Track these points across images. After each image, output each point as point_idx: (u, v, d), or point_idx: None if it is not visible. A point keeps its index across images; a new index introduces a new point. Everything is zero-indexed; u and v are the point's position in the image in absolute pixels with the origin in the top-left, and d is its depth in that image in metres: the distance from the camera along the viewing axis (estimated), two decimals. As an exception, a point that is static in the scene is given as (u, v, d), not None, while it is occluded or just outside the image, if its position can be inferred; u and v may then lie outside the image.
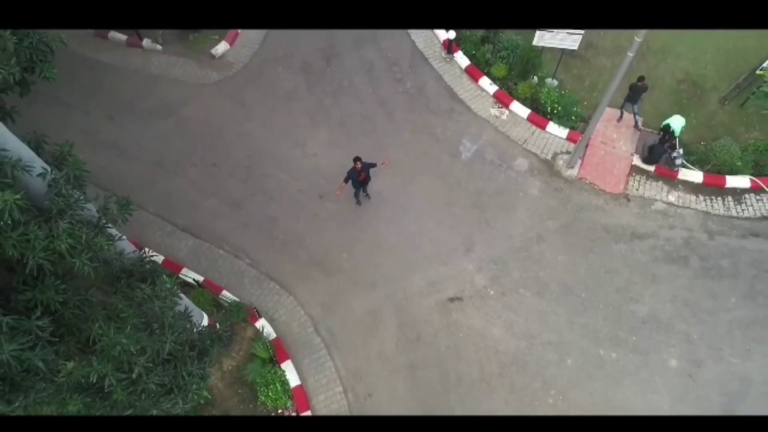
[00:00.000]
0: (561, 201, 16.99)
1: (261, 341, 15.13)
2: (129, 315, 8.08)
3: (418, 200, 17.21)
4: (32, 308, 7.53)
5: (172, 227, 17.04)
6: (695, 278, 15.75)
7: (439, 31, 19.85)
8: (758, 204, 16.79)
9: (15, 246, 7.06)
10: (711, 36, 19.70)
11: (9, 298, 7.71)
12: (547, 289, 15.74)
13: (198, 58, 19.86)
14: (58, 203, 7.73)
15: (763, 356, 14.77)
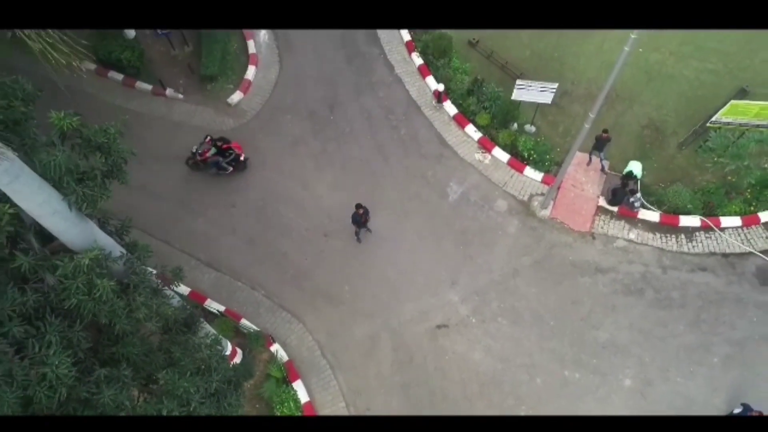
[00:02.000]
0: (535, 239, 19.76)
1: (275, 363, 17.95)
2: (186, 362, 10.90)
3: (411, 237, 19.97)
4: (118, 360, 10.34)
5: (196, 261, 19.81)
6: (649, 308, 18.54)
7: (431, 82, 22.53)
8: (707, 241, 19.54)
9: (106, 315, 9.85)
10: (674, 83, 22.43)
11: (97, 351, 10.52)
12: (521, 318, 18.55)
13: (215, 106, 22.58)
14: (134, 279, 10.51)
15: (704, 377, 17.57)
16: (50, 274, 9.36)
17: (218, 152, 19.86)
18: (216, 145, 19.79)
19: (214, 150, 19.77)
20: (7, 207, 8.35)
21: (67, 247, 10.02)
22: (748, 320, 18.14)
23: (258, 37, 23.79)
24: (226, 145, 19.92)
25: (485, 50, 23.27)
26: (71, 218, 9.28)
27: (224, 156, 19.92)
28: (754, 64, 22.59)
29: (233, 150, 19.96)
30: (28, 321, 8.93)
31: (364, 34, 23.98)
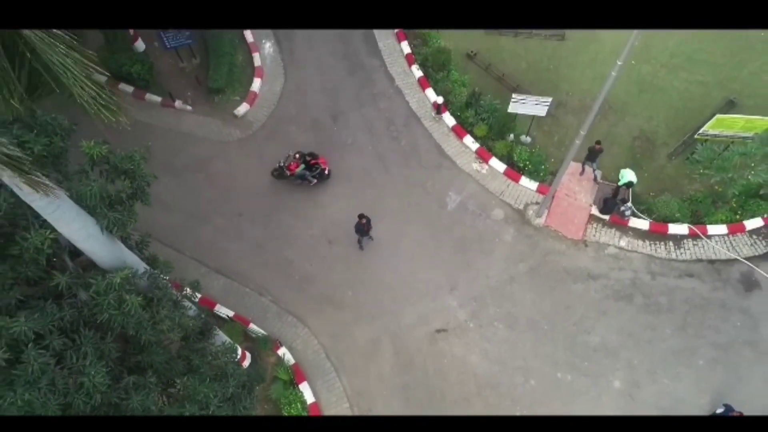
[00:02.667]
0: (530, 246, 20.75)
1: (283, 366, 18.95)
2: (205, 369, 11.90)
3: (411, 245, 20.95)
4: (143, 368, 11.34)
5: (205, 268, 20.79)
6: (638, 313, 19.55)
7: (430, 94, 23.47)
8: (694, 248, 20.54)
9: (133, 327, 10.83)
10: (665, 95, 23.39)
11: (123, 359, 11.51)
12: (517, 323, 19.56)
13: (223, 117, 23.52)
14: (157, 294, 11.50)
15: (690, 379, 18.58)
16: (83, 290, 10.33)
17: (306, 167, 20.67)
18: (305, 161, 20.71)
19: (301, 170, 20.67)
20: (48, 233, 9.31)
21: (96, 263, 11.00)
22: (732, 325, 19.13)
23: (263, 50, 24.71)
24: (314, 161, 20.88)
25: (483, 62, 24.21)
26: (103, 240, 10.25)
27: (311, 170, 20.85)
28: (741, 75, 23.53)
29: (320, 165, 20.88)
30: (65, 334, 9.89)
31: (365, 47, 24.91)
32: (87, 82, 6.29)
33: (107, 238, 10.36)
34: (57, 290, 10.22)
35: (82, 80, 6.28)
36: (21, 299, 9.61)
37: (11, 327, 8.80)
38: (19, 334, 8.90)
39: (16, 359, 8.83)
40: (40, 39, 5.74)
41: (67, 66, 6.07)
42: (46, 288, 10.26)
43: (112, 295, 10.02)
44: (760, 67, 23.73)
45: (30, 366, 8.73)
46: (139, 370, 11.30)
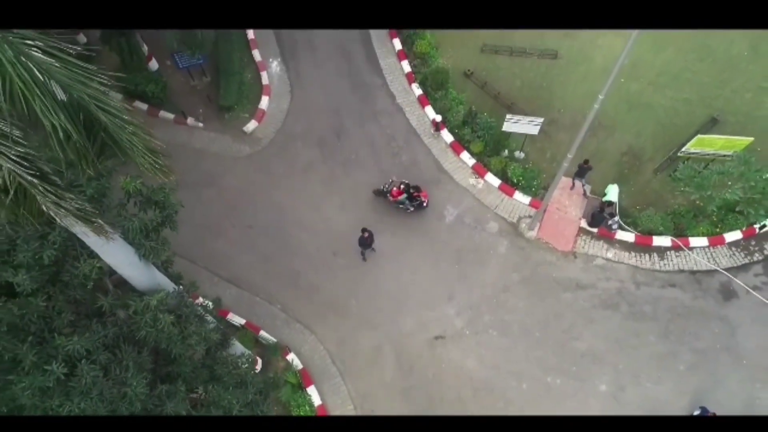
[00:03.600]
0: (523, 257, 22.23)
1: (291, 371, 20.46)
2: (228, 378, 13.41)
3: (411, 256, 22.43)
4: (173, 377, 12.83)
5: (218, 279, 22.27)
6: (624, 320, 21.05)
7: (429, 112, 24.91)
8: (677, 259, 22.03)
9: (165, 342, 12.32)
10: (651, 112, 24.82)
11: (155, 370, 13.01)
12: (510, 330, 21.06)
13: (233, 133, 24.96)
14: (185, 311, 12.99)
15: (671, 382, 20.10)
16: (122, 310, 11.82)
17: (408, 197, 21.98)
18: (408, 191, 21.94)
19: (404, 198, 21.96)
20: (95, 262, 10.79)
21: (133, 285, 12.50)
22: (710, 332, 20.66)
23: (270, 68, 26.14)
24: (417, 194, 22.08)
25: (479, 81, 25.65)
26: (140, 266, 11.74)
27: (412, 201, 22.10)
28: (725, 93, 24.97)
29: (421, 198, 22.12)
30: (108, 349, 11.39)
31: (367, 65, 26.34)
32: (147, 153, 7.74)
33: (143, 264, 11.84)
34: (100, 310, 11.69)
35: (144, 152, 7.73)
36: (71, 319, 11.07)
37: (67, 345, 10.27)
38: (73, 351, 10.38)
39: (71, 373, 10.30)
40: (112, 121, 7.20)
41: (133, 142, 7.53)
42: (89, 308, 11.73)
43: (148, 315, 11.51)
44: (742, 86, 25.14)
45: (84, 378, 10.20)
46: (169, 379, 12.79)
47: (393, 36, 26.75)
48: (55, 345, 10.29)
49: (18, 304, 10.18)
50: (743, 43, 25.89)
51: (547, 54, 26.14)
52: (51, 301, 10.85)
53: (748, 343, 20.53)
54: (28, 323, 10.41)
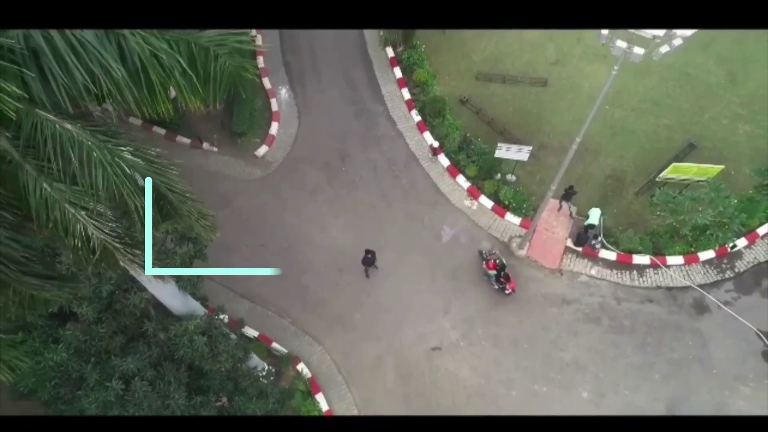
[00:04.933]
0: (513, 275, 24.40)
1: (301, 379, 22.68)
2: (251, 390, 15.62)
3: (411, 273, 24.62)
4: (205, 390, 15.04)
5: (233, 294, 24.45)
6: (605, 333, 23.26)
7: (428, 137, 27.09)
8: (655, 277, 24.22)
9: (198, 359, 14.53)
10: (634, 137, 26.99)
11: (189, 384, 15.22)
12: (501, 342, 23.26)
13: (245, 158, 27.14)
14: (215, 332, 15.20)
15: (647, 390, 22.29)
16: (163, 333, 14.04)
17: (497, 276, 23.30)
18: (499, 272, 23.13)
19: (494, 273, 23.30)
20: (144, 294, 13.00)
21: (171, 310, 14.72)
22: (684, 344, 22.87)
23: (279, 95, 28.32)
24: (504, 280, 22.94)
25: (474, 107, 27.83)
26: (179, 296, 13.97)
27: (498, 280, 23.32)
28: (703, 119, 27.16)
29: (506, 286, 23.06)
30: (153, 367, 13.60)
31: (370, 93, 28.52)
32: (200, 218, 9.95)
33: (181, 293, 14.05)
34: (144, 333, 13.91)
35: (198, 217, 9.94)
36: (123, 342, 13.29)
37: (122, 365, 12.49)
38: (127, 370, 12.59)
39: (126, 388, 12.51)
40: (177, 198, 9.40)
41: (191, 211, 9.74)
42: (135, 331, 13.94)
43: (185, 337, 13.72)
44: (719, 112, 27.34)
45: (137, 393, 12.41)
46: (201, 391, 15.00)
47: (394, 64, 28.90)
48: (113, 365, 12.49)
49: (83, 331, 12.36)
50: (721, 72, 28.08)
51: (538, 82, 28.29)
52: (106, 327, 13.05)
53: (719, 354, 22.72)
54: (90, 347, 12.61)
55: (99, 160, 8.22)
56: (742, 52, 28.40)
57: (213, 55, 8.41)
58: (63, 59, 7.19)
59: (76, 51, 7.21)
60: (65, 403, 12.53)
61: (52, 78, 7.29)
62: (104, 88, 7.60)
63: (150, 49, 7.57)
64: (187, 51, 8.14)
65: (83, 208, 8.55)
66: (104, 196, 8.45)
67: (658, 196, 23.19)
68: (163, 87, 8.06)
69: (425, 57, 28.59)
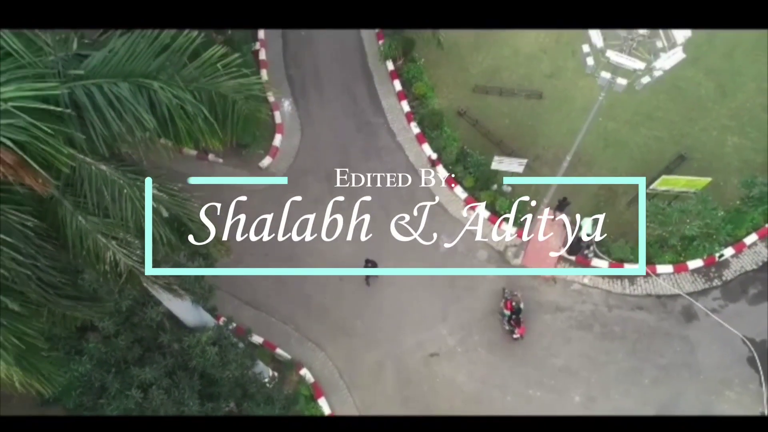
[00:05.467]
0: (509, 283, 25.43)
1: (304, 384, 23.72)
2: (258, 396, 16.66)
3: (410, 282, 25.63)
4: (216, 396, 16.07)
5: (238, 301, 25.47)
6: (596, 340, 24.29)
7: (426, 149, 28.09)
8: (645, 285, 25.24)
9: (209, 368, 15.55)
10: (626, 149, 27.99)
11: (201, 391, 16.25)
12: (496, 348, 24.30)
13: (249, 168, 28.14)
14: (224, 343, 16.23)
15: (636, 394, 23.33)
16: (177, 344, 15.08)
17: (509, 318, 23.86)
18: (512, 315, 23.62)
19: (508, 314, 23.85)
20: (160, 308, 14.04)
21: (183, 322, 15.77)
22: (672, 350, 23.91)
23: (282, 108, 29.33)
24: (515, 321, 23.40)
25: (471, 119, 28.84)
26: (192, 309, 15.00)
27: (510, 323, 23.81)
28: (693, 131, 28.13)
29: (516, 329, 23.64)
30: (168, 376, 14.64)
31: (370, 105, 29.49)
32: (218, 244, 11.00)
33: (194, 306, 15.09)
34: (159, 344, 14.95)
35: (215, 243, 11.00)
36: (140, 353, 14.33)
37: (140, 375, 13.53)
38: (145, 380, 13.63)
39: (144, 396, 13.55)
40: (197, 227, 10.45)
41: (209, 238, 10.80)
42: (151, 343, 14.98)
43: (198, 348, 14.76)
44: (709, 124, 28.31)
45: (155, 401, 13.44)
46: (212, 397, 16.04)
47: (393, 77, 29.87)
48: (132, 374, 13.53)
49: (103, 343, 13.40)
50: (710, 85, 29.03)
51: (533, 94, 29.28)
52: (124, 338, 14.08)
53: (706, 360, 23.76)
54: (110, 357, 13.64)
55: (129, 196, 9.24)
56: (731, 65, 29.32)
57: (231, 101, 9.38)
58: (101, 111, 8.18)
59: (113, 104, 8.21)
60: (88, 410, 13.58)
61: (92, 127, 8.29)
62: (137, 135, 8.57)
63: (177, 100, 8.54)
64: (209, 99, 9.13)
65: (113, 238, 9.57)
66: (132, 227, 9.45)
67: (648, 208, 24.18)
68: (188, 132, 9.00)
69: (424, 70, 29.51)
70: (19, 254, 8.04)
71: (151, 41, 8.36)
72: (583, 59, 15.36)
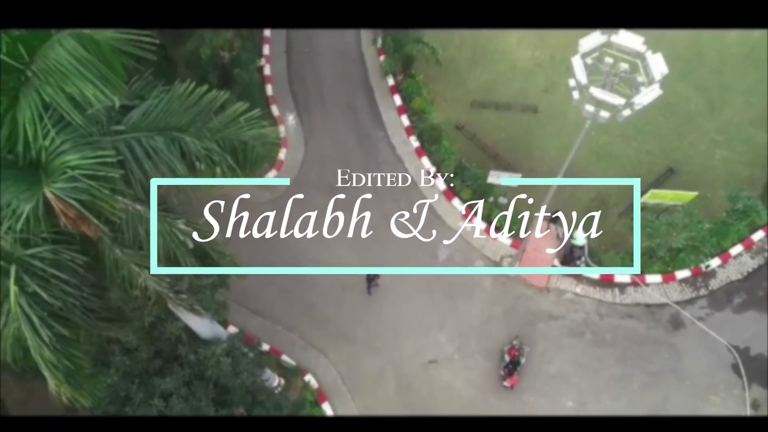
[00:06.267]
0: (504, 292, 26.74)
1: (308, 389, 25.01)
2: (268, 403, 17.96)
3: (409, 290, 26.93)
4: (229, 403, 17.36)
5: (246, 310, 26.74)
6: (588, 347, 25.58)
7: (425, 162, 29.36)
8: (635, 294, 26.54)
9: (223, 377, 16.85)
10: (618, 162, 29.28)
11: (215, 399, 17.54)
12: (493, 355, 25.59)
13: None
14: (236, 353, 17.52)
15: (626, 400, 24.62)
16: (194, 355, 16.37)
17: (508, 364, 24.56)
18: (509, 363, 24.40)
19: (508, 360, 24.51)
20: (180, 324, 15.33)
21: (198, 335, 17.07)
22: (661, 357, 25.20)
23: (287, 122, 30.60)
24: (508, 372, 24.32)
25: (469, 133, 30.12)
26: (207, 323, 16.30)
27: (506, 368, 24.55)
28: (682, 145, 29.44)
29: (507, 379, 24.37)
30: (185, 385, 15.93)
31: (371, 120, 30.78)
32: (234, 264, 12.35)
33: (209, 321, 16.39)
34: (176, 355, 16.24)
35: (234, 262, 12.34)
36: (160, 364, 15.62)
37: (162, 385, 14.82)
38: (165, 389, 14.93)
39: (165, 405, 14.85)
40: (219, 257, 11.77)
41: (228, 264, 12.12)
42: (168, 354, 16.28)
43: (213, 359, 16.06)
44: (697, 138, 29.63)
45: (174, 409, 14.73)
46: (225, 404, 17.33)
47: (394, 92, 31.14)
48: (153, 384, 14.82)
49: (128, 356, 14.70)
50: (700, 100, 30.35)
51: (528, 109, 30.57)
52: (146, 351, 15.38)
53: (692, 367, 25.06)
54: (134, 369, 14.94)
55: (160, 230, 10.52)
56: (719, 80, 30.63)
57: (250, 146, 10.67)
58: (140, 162, 9.46)
59: (150, 155, 9.49)
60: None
61: (131, 174, 9.56)
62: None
63: (205, 150, 9.83)
64: (231, 146, 10.41)
65: (145, 267, 10.85)
66: (162, 257, 10.75)
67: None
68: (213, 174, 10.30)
69: (423, 85, 30.77)
70: (68, 286, 9.31)
71: (184, 98, 9.64)
72: (570, 92, 16.62)
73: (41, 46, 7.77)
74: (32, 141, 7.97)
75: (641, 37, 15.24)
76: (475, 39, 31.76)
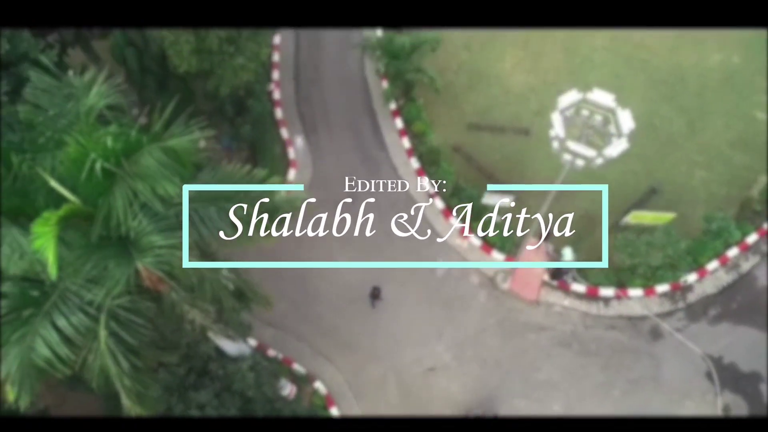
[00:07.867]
0: (498, 305, 29.36)
1: (317, 395, 27.66)
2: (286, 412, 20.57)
3: (409, 302, 29.53)
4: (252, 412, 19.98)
5: (259, 322, 29.29)
6: (574, 356, 28.23)
7: (425, 183, 31.90)
8: (618, 307, 29.17)
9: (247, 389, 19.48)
10: (604, 182, 31.77)
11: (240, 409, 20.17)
12: (486, 363, 28.25)
13: (265, 200, 31.91)
14: (258, 368, 20.14)
15: (609, 404, 27.28)
16: (222, 370, 19.00)
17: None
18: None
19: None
20: (210, 344, 17.93)
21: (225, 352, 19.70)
22: (641, 365, 27.85)
23: (296, 144, 33.11)
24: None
25: (465, 154, 32.65)
26: (234, 343, 18.91)
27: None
28: (665, 166, 31.97)
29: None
30: (216, 397, 18.56)
31: (374, 141, 33.26)
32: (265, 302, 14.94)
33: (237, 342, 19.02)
34: (207, 371, 18.87)
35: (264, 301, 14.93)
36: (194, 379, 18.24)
37: (197, 398, 17.45)
38: (200, 402, 17.56)
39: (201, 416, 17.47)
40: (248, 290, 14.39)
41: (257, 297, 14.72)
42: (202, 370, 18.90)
43: (239, 374, 18.68)
44: (679, 159, 32.16)
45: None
46: (249, 413, 19.96)
47: (395, 116, 33.60)
48: (190, 398, 17.44)
49: (169, 373, 17.31)
50: (681, 122, 32.86)
51: (521, 131, 33.05)
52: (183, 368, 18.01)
53: (670, 374, 27.74)
54: (173, 384, 17.55)
55: (207, 278, 13.12)
56: (701, 103, 33.15)
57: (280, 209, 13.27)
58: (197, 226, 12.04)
59: (204, 221, 12.06)
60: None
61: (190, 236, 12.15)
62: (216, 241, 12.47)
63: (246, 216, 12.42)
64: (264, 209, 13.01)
65: (194, 306, 13.45)
66: (209, 298, 13.35)
67: (619, 240, 28.10)
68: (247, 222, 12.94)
69: (422, 109, 33.21)
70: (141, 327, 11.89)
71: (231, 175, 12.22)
72: (551, 142, 19.20)
73: (132, 155, 10.33)
74: (122, 222, 10.50)
75: (612, 95, 17.81)
76: (471, 64, 34.26)
